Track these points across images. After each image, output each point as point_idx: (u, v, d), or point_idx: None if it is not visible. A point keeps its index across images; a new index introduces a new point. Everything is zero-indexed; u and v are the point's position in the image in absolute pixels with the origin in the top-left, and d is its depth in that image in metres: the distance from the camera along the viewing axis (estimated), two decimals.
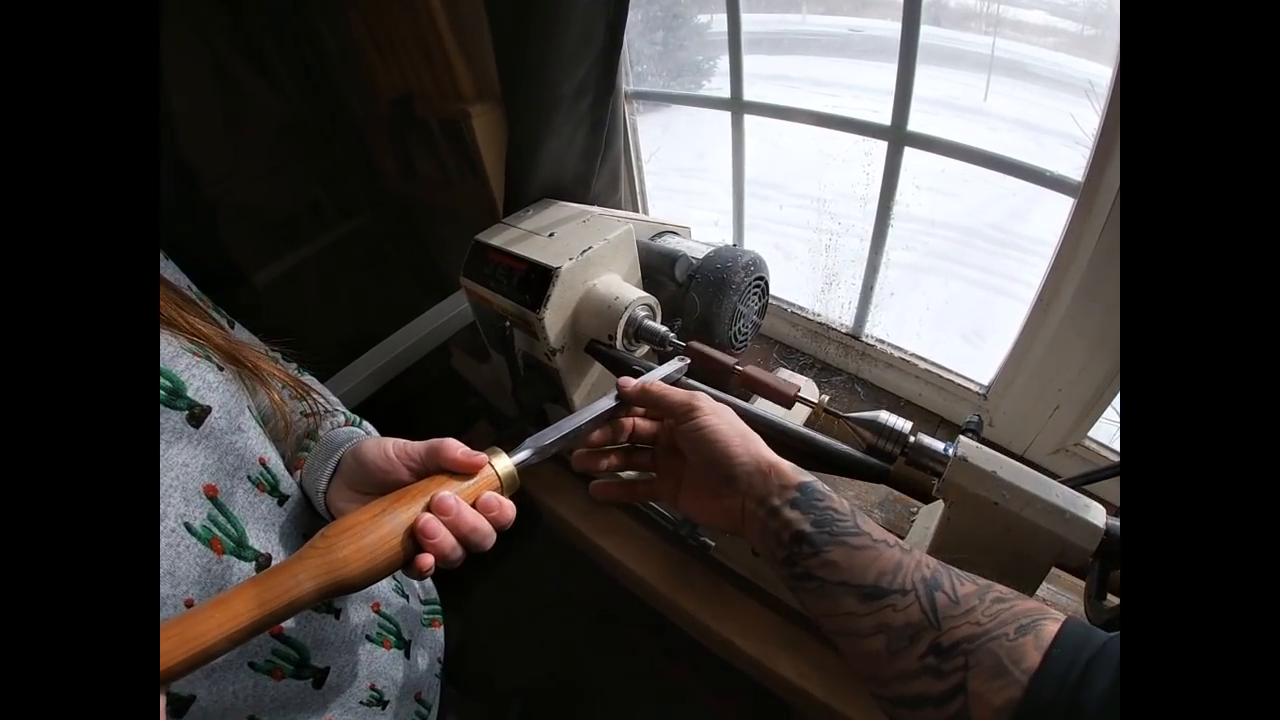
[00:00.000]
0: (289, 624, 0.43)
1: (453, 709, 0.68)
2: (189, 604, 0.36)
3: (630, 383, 0.47)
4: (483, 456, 0.39)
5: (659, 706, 1.28)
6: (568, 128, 0.77)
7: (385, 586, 0.56)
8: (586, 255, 0.71)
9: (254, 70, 1.33)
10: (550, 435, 0.44)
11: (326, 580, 0.33)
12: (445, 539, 0.36)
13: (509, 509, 0.39)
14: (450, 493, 0.37)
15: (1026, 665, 0.29)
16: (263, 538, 0.42)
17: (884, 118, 0.76)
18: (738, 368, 0.64)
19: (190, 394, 0.38)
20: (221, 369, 0.41)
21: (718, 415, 0.44)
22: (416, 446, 0.40)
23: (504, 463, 0.40)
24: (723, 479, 0.42)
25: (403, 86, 1.11)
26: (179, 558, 0.36)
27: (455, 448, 0.38)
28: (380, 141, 1.33)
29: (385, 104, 1.17)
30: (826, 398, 0.59)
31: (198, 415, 0.38)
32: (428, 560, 0.36)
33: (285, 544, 0.44)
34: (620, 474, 0.50)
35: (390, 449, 0.41)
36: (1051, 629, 0.30)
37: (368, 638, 0.51)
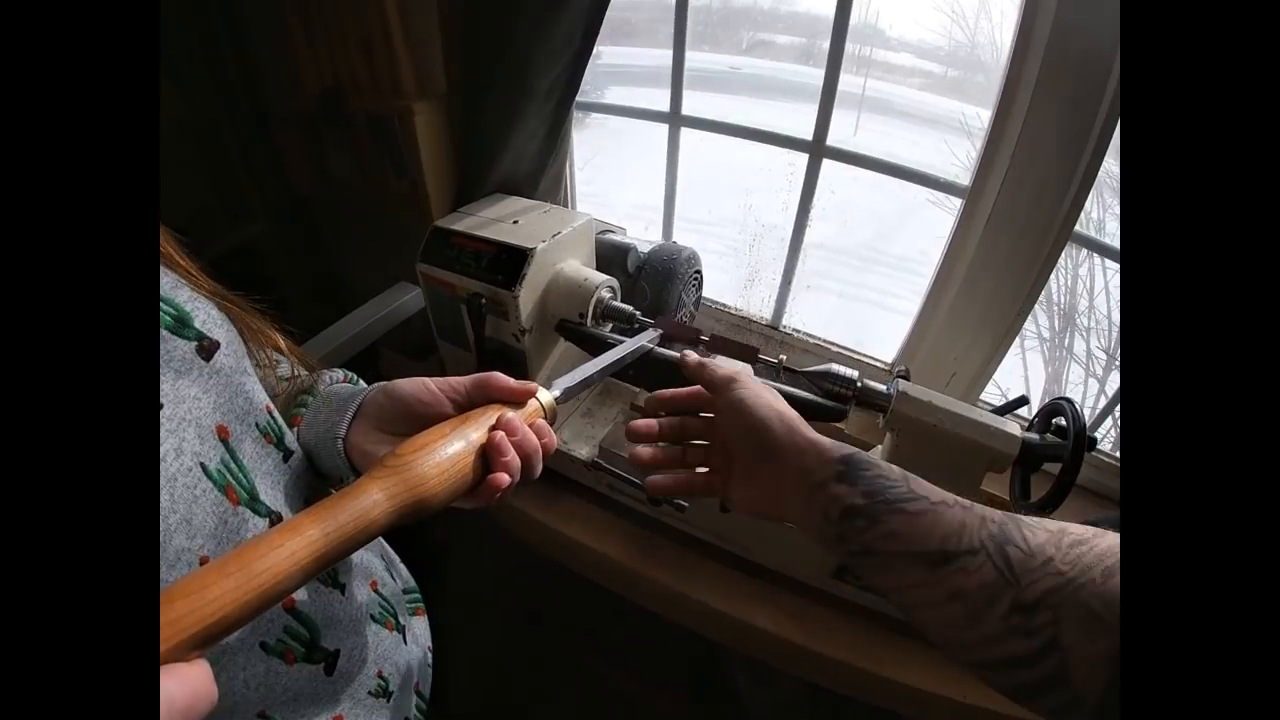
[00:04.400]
0: (301, 596, 0.39)
1: None
2: (203, 561, 0.31)
3: (694, 358, 0.49)
4: (534, 385, 0.40)
5: (599, 710, 1.26)
6: (532, 124, 0.82)
7: (379, 565, 0.54)
8: (556, 239, 0.76)
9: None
10: (578, 375, 0.48)
11: (408, 499, 0.31)
12: (514, 459, 0.36)
13: (555, 437, 0.41)
14: (515, 414, 0.37)
15: None
16: (271, 494, 0.38)
17: (803, 134, 0.90)
18: (702, 336, 0.71)
19: (198, 325, 0.35)
20: (220, 309, 0.38)
21: (756, 388, 0.45)
22: (461, 379, 0.40)
23: (546, 395, 0.41)
24: (762, 454, 0.41)
25: (332, 81, 1.08)
26: (195, 503, 0.31)
27: (505, 378, 0.39)
28: (291, 140, 1.27)
29: (308, 98, 1.13)
30: (785, 357, 0.68)
31: (207, 348, 0.35)
32: (503, 478, 0.35)
33: (291, 505, 0.40)
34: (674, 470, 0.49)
35: (431, 383, 0.40)
36: None
37: (372, 617, 0.48)
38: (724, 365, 0.48)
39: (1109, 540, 0.31)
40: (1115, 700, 0.26)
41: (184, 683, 0.21)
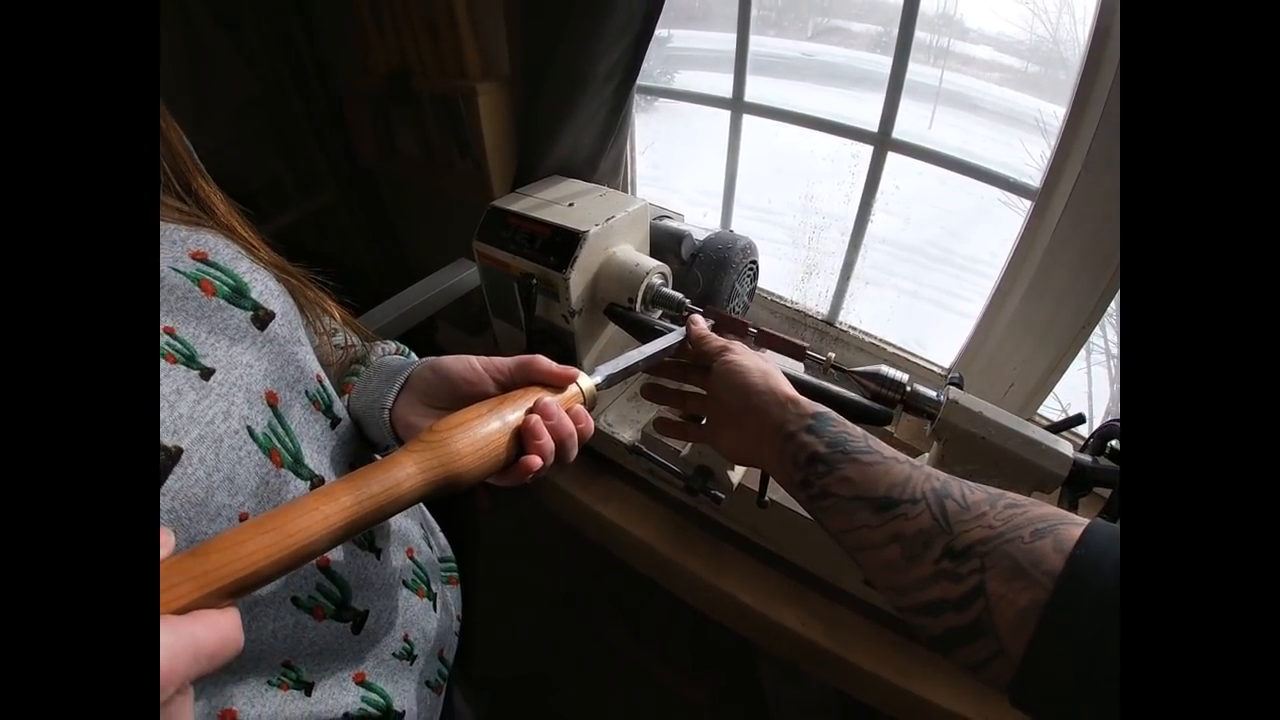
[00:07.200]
0: (336, 556, 0.42)
1: (458, 683, 0.68)
2: (243, 518, 0.33)
3: (701, 323, 0.54)
4: (575, 370, 0.41)
5: (630, 694, 1.28)
6: (592, 107, 0.82)
7: (417, 533, 0.56)
8: (610, 223, 0.76)
9: (228, 39, 1.30)
10: (622, 363, 0.48)
11: (440, 473, 0.32)
12: (548, 442, 0.37)
13: (592, 423, 0.41)
14: (552, 399, 0.38)
15: (1047, 568, 0.29)
16: (316, 459, 0.40)
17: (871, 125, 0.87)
18: (752, 329, 0.70)
19: (254, 295, 0.38)
20: (279, 281, 0.41)
21: (745, 355, 0.50)
22: (505, 360, 0.41)
23: (587, 381, 0.42)
24: (744, 407, 0.46)
25: (399, 62, 1.11)
26: (239, 463, 0.34)
27: (547, 362, 0.40)
28: (360, 116, 1.32)
29: (377, 78, 1.17)
30: (833, 355, 0.66)
31: (262, 318, 0.38)
32: (535, 461, 0.36)
33: (335, 469, 0.42)
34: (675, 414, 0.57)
35: (476, 362, 0.41)
36: (1073, 533, 0.30)
37: (404, 583, 0.50)
38: (716, 337, 0.54)
39: (1044, 509, 0.33)
40: (1038, 658, 0.28)
41: (213, 629, 0.23)
